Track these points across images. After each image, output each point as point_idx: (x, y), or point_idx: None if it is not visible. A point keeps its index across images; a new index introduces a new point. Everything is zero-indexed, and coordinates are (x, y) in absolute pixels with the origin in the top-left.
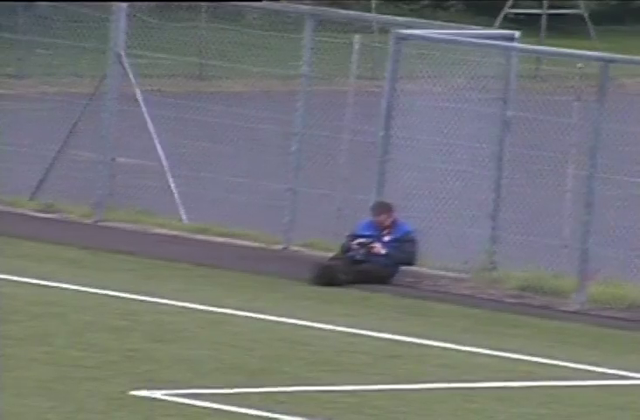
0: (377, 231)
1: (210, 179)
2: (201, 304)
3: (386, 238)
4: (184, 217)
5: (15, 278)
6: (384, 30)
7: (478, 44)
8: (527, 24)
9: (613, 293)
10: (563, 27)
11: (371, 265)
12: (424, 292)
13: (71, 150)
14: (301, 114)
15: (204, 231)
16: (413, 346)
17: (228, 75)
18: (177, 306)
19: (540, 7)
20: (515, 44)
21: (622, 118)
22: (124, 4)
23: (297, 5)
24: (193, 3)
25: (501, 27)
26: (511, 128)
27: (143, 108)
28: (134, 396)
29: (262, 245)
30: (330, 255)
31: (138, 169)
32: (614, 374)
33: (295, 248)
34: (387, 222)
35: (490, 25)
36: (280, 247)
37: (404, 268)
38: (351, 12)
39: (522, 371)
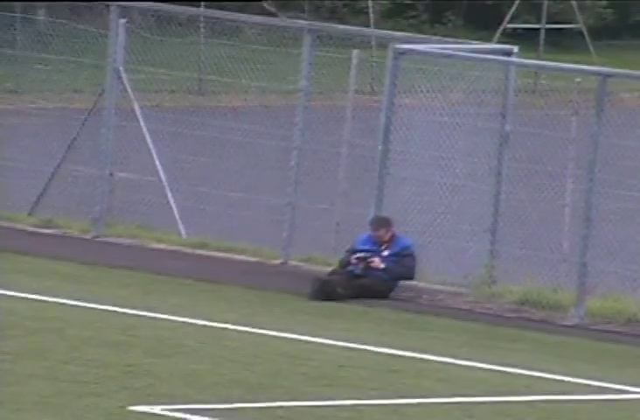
0: (376, 245)
1: (209, 194)
2: (200, 319)
3: (385, 252)
4: (183, 232)
5: (13, 293)
6: (382, 45)
7: (477, 58)
8: (526, 38)
9: (612, 307)
10: (561, 42)
11: (370, 280)
12: (423, 307)
13: (69, 165)
14: (300, 128)
15: (203, 246)
16: (412, 361)
17: (227, 90)
18: (176, 321)
19: (539, 22)
20: (513, 58)
21: (620, 132)
22: (122, 20)
23: (296, 20)
24: (191, 18)
25: (499, 42)
26: (510, 142)
27: (142, 124)
28: (133, 412)
29: (261, 260)
30: (329, 269)
31: (137, 184)
32: (613, 389)
33: (294, 263)
34: (386, 237)
35: (488, 40)
36: (279, 261)
37: (403, 282)
38: (350, 27)
39: (521, 385)
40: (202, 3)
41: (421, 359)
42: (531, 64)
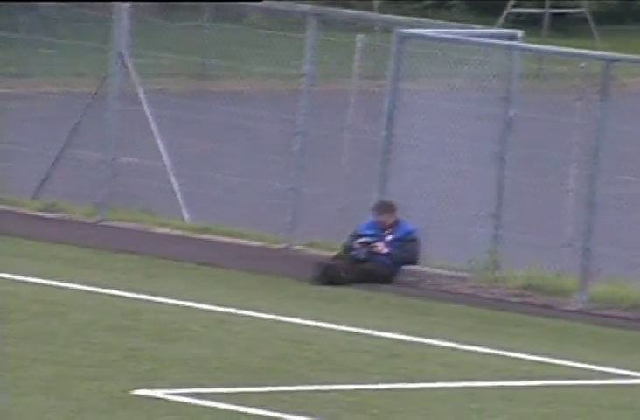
0: (379, 230)
1: (212, 179)
2: (203, 303)
3: (389, 237)
4: (186, 216)
5: (17, 277)
6: (386, 29)
7: (481, 43)
8: (529, 23)
9: (615, 293)
10: (565, 27)
11: (373, 264)
12: (426, 292)
13: (73, 149)
14: (303, 113)
15: (206, 230)
16: (415, 346)
17: (231, 75)
18: (179, 306)
19: (543, 7)
20: (517, 43)
21: (624, 118)
22: (126, 4)
23: (300, 5)
24: (195, 3)
25: (503, 27)
26: (514, 127)
27: (146, 108)
28: (135, 396)
29: (265, 244)
30: (333, 254)
31: (141, 168)
32: (616, 374)
33: (298, 248)
34: (390, 222)
35: (492, 25)
36: (282, 246)
37: (406, 267)
38: (354, 12)
39: (523, 370)
40: None
41: (424, 343)
42: (534, 48)
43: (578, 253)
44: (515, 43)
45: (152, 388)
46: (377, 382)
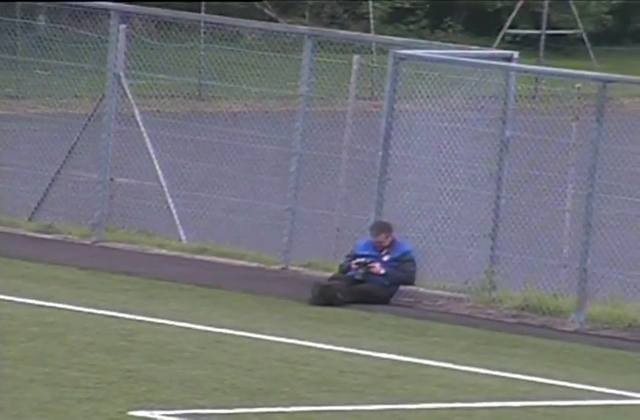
0: (376, 251)
1: (209, 199)
2: (200, 324)
3: (385, 258)
4: (183, 237)
5: (14, 299)
6: (383, 50)
7: (477, 64)
8: (526, 44)
9: (612, 313)
10: (561, 48)
11: (370, 285)
12: (423, 312)
13: (70, 170)
14: (300, 134)
15: (203, 251)
16: (413, 366)
17: (227, 95)
18: (176, 326)
19: (539, 28)
20: (514, 64)
21: (620, 138)
22: (123, 25)
23: (296, 26)
24: (192, 23)
25: (499, 48)
26: (510, 148)
27: (142, 129)
28: (132, 417)
29: (261, 265)
30: (330, 275)
31: (137, 189)
32: (613, 394)
33: (295, 268)
34: (386, 242)
35: (489, 46)
36: (279, 267)
37: (403, 288)
38: (350, 33)
39: (521, 391)
40: (202, 8)
41: (422, 364)
42: (531, 69)
43: (575, 273)
44: (511, 64)
45: (149, 409)
46: (374, 403)
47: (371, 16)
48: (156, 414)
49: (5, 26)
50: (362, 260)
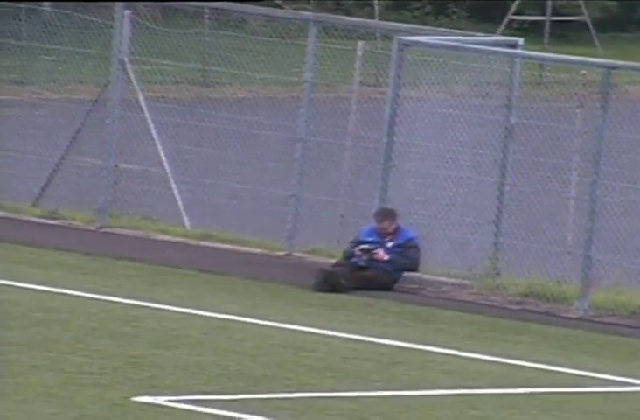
0: (380, 237)
1: (213, 185)
2: (204, 310)
3: (389, 244)
4: (187, 223)
5: (18, 284)
6: (387, 36)
7: (482, 50)
8: (530, 31)
9: (616, 300)
10: (566, 34)
11: (374, 271)
12: (427, 299)
13: (74, 156)
14: (304, 120)
15: (207, 237)
16: (416, 353)
17: (232, 82)
18: (181, 312)
19: (544, 14)
20: (519, 50)
21: (625, 125)
22: (127, 11)
23: (301, 12)
24: (197, 9)
25: (504, 34)
26: (515, 134)
27: (147, 115)
28: (137, 402)
29: (265, 251)
30: (333, 261)
31: (141, 175)
32: (617, 381)
33: (299, 255)
34: (390, 229)
35: (493, 32)
36: (283, 253)
37: (407, 274)
38: (355, 19)
39: (525, 378)
40: None
41: (425, 351)
42: (536, 56)
43: (579, 260)
44: (516, 50)
45: (153, 395)
46: (378, 390)
47: (375, 2)
48: (160, 400)
49: (10, 12)
50: (366, 246)
